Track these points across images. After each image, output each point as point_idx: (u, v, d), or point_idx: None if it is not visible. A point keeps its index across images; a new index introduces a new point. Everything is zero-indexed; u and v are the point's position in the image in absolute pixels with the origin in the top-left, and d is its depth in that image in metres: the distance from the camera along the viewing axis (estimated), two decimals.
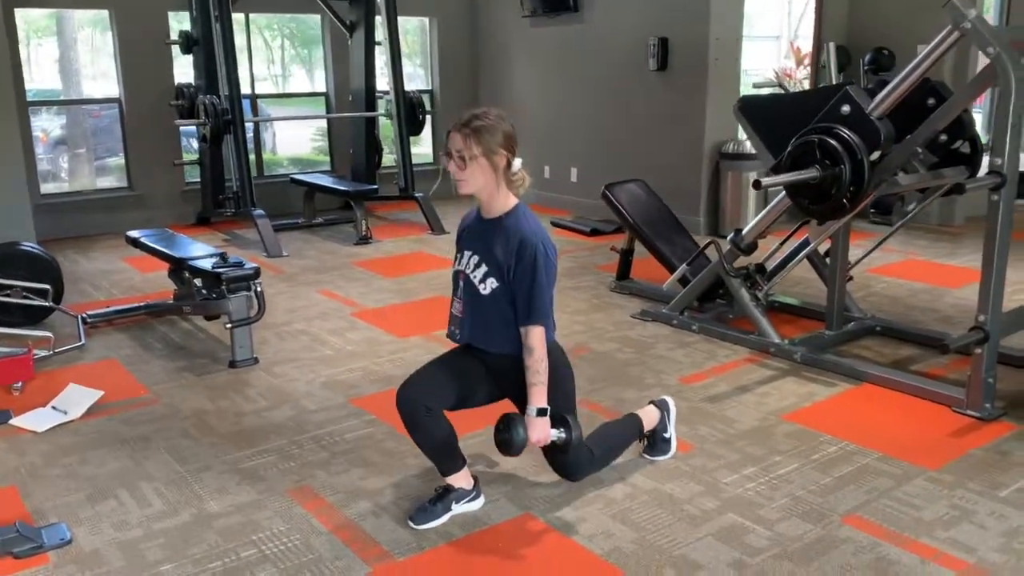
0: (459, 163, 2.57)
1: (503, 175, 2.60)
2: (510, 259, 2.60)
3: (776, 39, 15.89)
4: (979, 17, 3.38)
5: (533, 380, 2.63)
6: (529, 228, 2.62)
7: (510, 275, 2.61)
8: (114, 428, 3.57)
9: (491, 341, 2.72)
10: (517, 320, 2.64)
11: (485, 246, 2.66)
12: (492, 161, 2.56)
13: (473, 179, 2.58)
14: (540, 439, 2.65)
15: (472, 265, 2.69)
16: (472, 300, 2.71)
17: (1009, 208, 3.37)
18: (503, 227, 2.64)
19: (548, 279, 2.61)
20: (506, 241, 2.61)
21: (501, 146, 2.56)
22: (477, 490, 2.88)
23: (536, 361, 2.61)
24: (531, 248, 2.57)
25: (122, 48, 7.61)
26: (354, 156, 8.60)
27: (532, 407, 2.64)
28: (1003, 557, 2.55)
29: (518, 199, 2.68)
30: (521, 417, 2.65)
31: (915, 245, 6.68)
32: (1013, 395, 3.73)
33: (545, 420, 2.65)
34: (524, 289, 2.59)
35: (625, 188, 5.48)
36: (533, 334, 2.60)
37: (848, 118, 3.70)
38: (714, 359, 4.27)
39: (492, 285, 2.64)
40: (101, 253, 6.97)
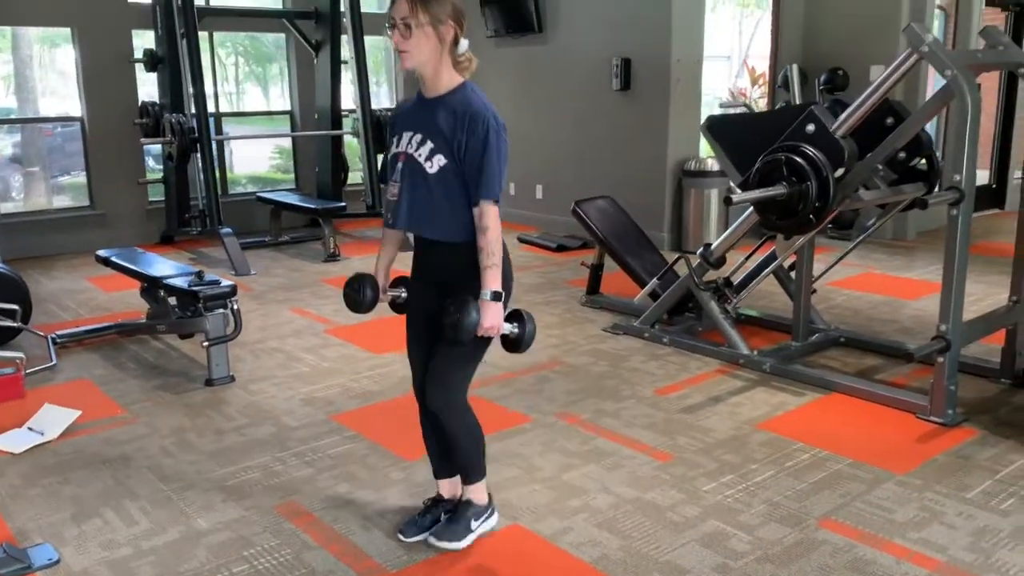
0: (403, 31, 2.39)
1: (449, 50, 2.45)
2: (460, 134, 2.44)
3: (727, 59, 16.26)
4: (936, 41, 3.54)
5: (487, 262, 2.45)
6: (479, 101, 2.47)
7: (461, 151, 2.45)
8: (93, 448, 3.54)
9: (433, 226, 2.53)
10: (468, 199, 2.48)
11: (430, 123, 2.49)
12: (439, 31, 2.40)
13: (417, 50, 2.40)
14: (493, 325, 2.46)
15: (415, 144, 2.51)
16: (414, 181, 2.52)
17: (967, 222, 3.53)
18: (449, 103, 2.47)
19: (500, 154, 2.46)
20: (454, 116, 2.45)
21: (449, 16, 2.41)
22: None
23: (491, 241, 2.44)
24: (483, 121, 2.43)
25: (85, 66, 7.54)
26: (319, 174, 8.62)
27: (487, 290, 2.44)
28: (972, 555, 2.67)
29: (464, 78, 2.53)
30: (474, 300, 2.44)
31: (872, 259, 6.89)
32: (974, 401, 3.89)
33: (499, 306, 2.47)
34: (476, 164, 2.44)
35: (594, 204, 5.58)
36: (487, 212, 2.44)
37: (813, 137, 3.84)
38: (687, 371, 4.38)
39: (440, 162, 2.47)
40: (64, 273, 6.88)
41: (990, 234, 7.78)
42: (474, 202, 2.47)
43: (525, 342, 2.58)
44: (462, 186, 2.48)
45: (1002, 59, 4.04)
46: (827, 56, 7.64)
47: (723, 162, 4.46)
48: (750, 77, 13.39)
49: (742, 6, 15.23)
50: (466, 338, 2.44)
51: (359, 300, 2.69)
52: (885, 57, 6.49)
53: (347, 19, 7.89)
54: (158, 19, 7.42)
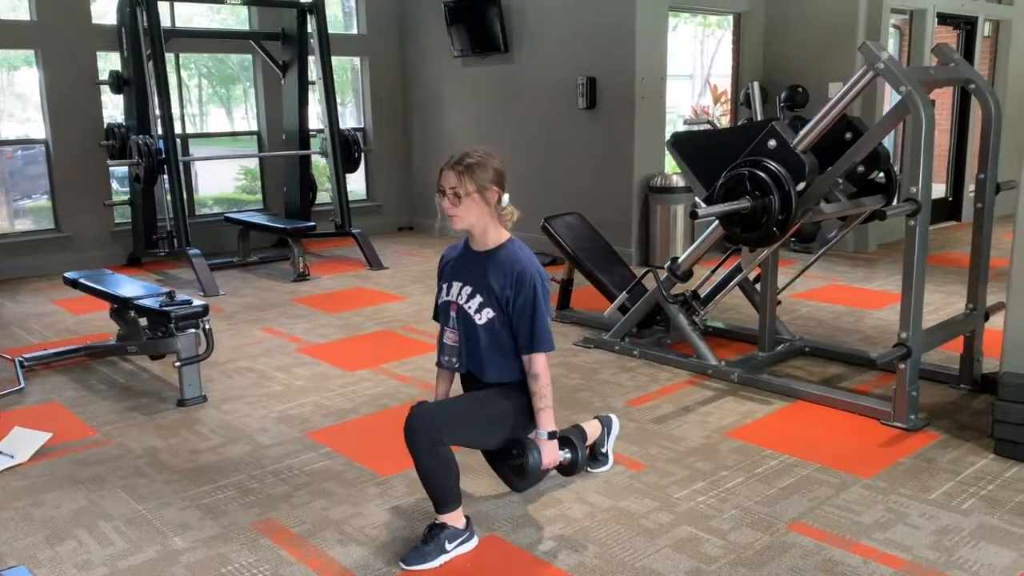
0: (453, 200, 2.67)
1: (495, 209, 2.72)
2: (508, 291, 2.71)
3: (690, 77, 16.51)
4: (891, 58, 3.67)
5: (540, 405, 2.74)
6: (527, 259, 2.75)
7: (509, 306, 2.72)
8: (66, 469, 3.52)
9: (485, 370, 2.81)
10: (517, 349, 2.74)
11: (479, 277, 2.76)
12: (485, 196, 2.68)
13: (467, 214, 2.69)
14: (552, 461, 2.77)
15: (465, 296, 2.78)
16: (467, 330, 2.80)
17: (924, 233, 3.65)
18: (498, 259, 2.75)
19: (546, 307, 2.74)
20: (502, 272, 2.72)
21: (492, 182, 2.69)
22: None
23: (542, 387, 2.73)
24: (530, 279, 2.70)
25: (50, 88, 7.50)
26: (288, 194, 8.62)
27: (543, 431, 2.75)
28: (935, 554, 2.75)
29: (509, 232, 2.81)
30: (532, 441, 2.75)
31: (835, 271, 7.05)
32: (934, 407, 4.00)
33: (555, 443, 2.78)
34: (526, 319, 2.70)
35: (563, 220, 5.66)
36: (537, 361, 2.72)
37: (775, 152, 3.95)
38: (657, 382, 4.45)
39: (488, 315, 2.74)
40: (29, 296, 6.81)
41: (948, 245, 7.99)
42: (524, 352, 2.73)
43: (580, 466, 2.95)
44: (510, 335, 2.76)
45: (954, 75, 4.20)
46: (787, 74, 7.84)
47: (688, 177, 4.56)
48: (712, 95, 13.61)
49: (704, 25, 15.49)
50: (534, 481, 2.83)
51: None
52: (843, 74, 6.66)
53: (314, 40, 7.94)
54: (124, 41, 7.41)
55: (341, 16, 9.59)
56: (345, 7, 9.59)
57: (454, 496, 2.78)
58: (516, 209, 2.79)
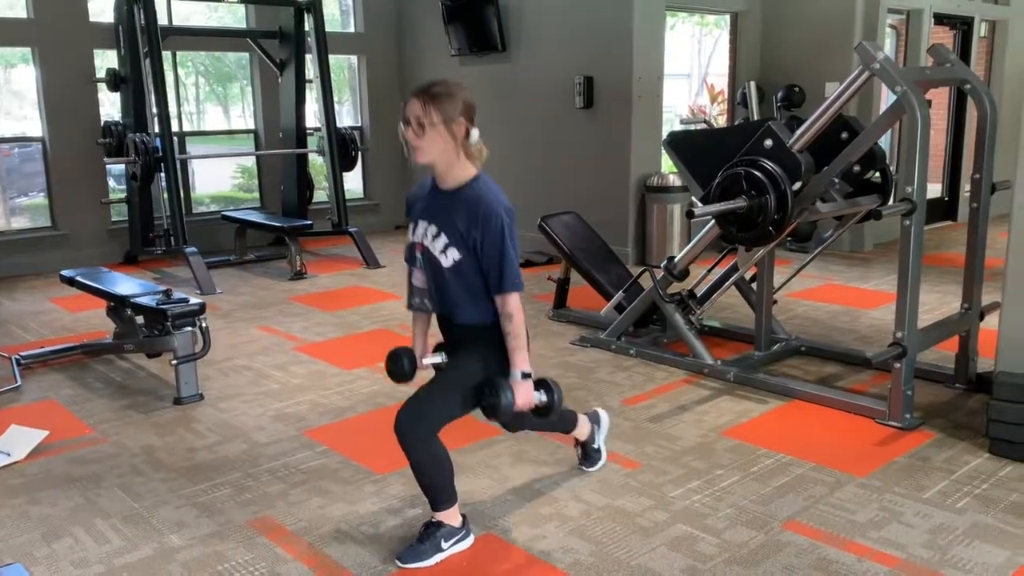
0: (417, 130, 2.51)
1: (462, 144, 2.56)
2: (475, 231, 2.56)
3: (687, 77, 16.53)
4: (887, 58, 3.68)
5: (514, 345, 2.64)
6: (493, 197, 2.59)
7: (477, 247, 2.58)
8: (62, 467, 3.52)
9: (456, 312, 2.71)
10: (488, 290, 2.62)
11: (445, 217, 2.61)
12: (451, 129, 2.52)
13: (431, 147, 2.53)
14: (526, 402, 2.67)
15: (430, 236, 2.64)
16: (434, 272, 2.68)
17: (920, 232, 3.66)
18: (464, 198, 2.60)
19: (515, 245, 2.60)
20: (468, 212, 2.57)
21: (460, 114, 2.53)
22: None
23: (516, 326, 2.63)
24: (496, 218, 2.55)
25: (46, 86, 7.49)
26: (285, 192, 8.62)
27: (516, 371, 2.65)
28: (929, 552, 2.77)
29: (477, 169, 2.65)
30: (507, 381, 2.63)
31: (831, 270, 7.06)
32: (929, 406, 4.01)
33: (529, 384, 2.67)
34: (495, 260, 2.57)
35: (560, 220, 5.67)
36: (509, 301, 2.61)
37: (771, 151, 3.96)
38: (653, 381, 4.46)
39: (455, 256, 2.61)
40: (25, 294, 6.80)
41: (944, 245, 8.01)
42: (495, 292, 2.62)
43: (556, 409, 2.79)
44: (478, 276, 2.63)
45: (949, 76, 4.21)
46: (784, 73, 7.84)
47: (685, 177, 4.57)
48: (709, 94, 13.61)
49: (701, 25, 15.51)
50: (506, 419, 2.71)
51: (399, 372, 2.88)
52: (839, 74, 6.67)
53: (311, 38, 7.94)
54: (121, 39, 7.40)
55: (338, 14, 9.59)
56: (342, 5, 9.59)
57: (449, 493, 2.78)
58: (485, 146, 2.65)
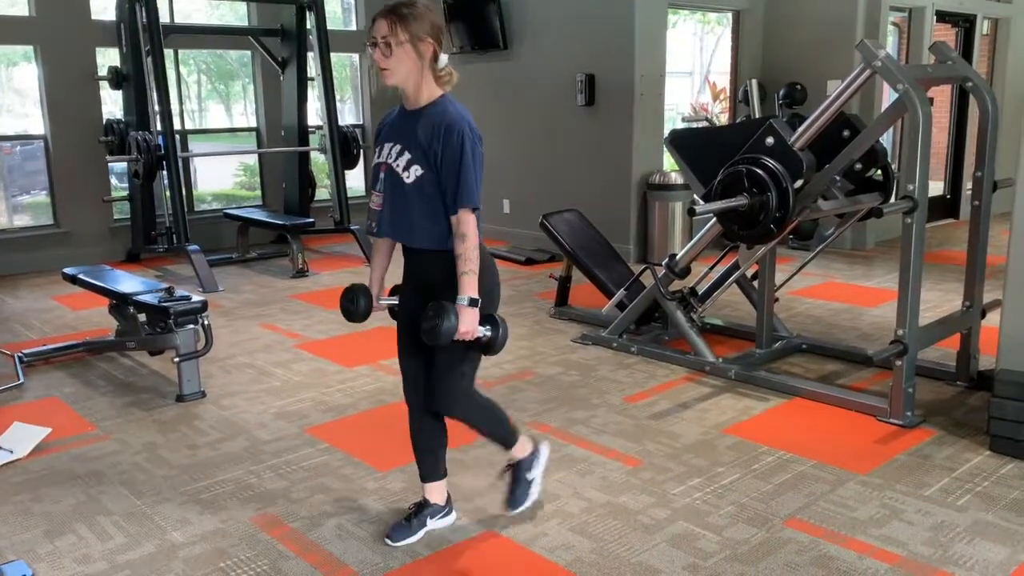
0: (384, 50, 2.47)
1: (429, 66, 2.52)
2: (436, 144, 2.50)
3: (689, 75, 16.52)
4: (888, 56, 3.68)
5: (464, 268, 2.52)
6: (455, 112, 2.54)
7: (437, 161, 2.51)
8: (65, 464, 3.53)
9: (412, 234, 2.61)
10: (446, 208, 2.54)
11: (409, 134, 2.56)
12: (418, 48, 2.48)
13: (398, 67, 2.49)
14: (469, 330, 2.53)
15: (394, 154, 2.59)
16: (394, 191, 2.60)
17: (921, 230, 3.66)
18: (428, 114, 2.54)
19: (476, 163, 2.52)
20: (431, 127, 2.52)
21: (428, 34, 2.49)
22: (450, 506, 2.96)
23: (468, 248, 2.52)
24: (457, 131, 2.49)
25: (48, 84, 7.50)
26: (287, 190, 8.62)
27: (463, 296, 2.51)
28: (931, 550, 2.77)
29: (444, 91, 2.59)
30: (452, 305, 2.51)
31: (833, 268, 7.06)
32: (930, 404, 4.01)
33: (475, 311, 2.53)
34: (453, 173, 2.50)
35: (562, 217, 5.67)
36: (464, 219, 2.52)
37: (773, 149, 3.96)
38: (654, 379, 4.46)
39: (416, 172, 2.54)
40: (28, 292, 6.81)
41: (946, 243, 8.01)
42: (451, 211, 2.53)
43: (498, 345, 2.65)
44: (439, 195, 2.54)
45: (951, 73, 4.20)
46: (786, 71, 7.84)
47: (686, 175, 4.57)
48: (711, 92, 13.61)
49: (703, 23, 15.49)
50: (443, 342, 2.51)
51: (353, 310, 2.82)
52: (841, 72, 6.66)
53: (313, 36, 7.94)
54: (123, 37, 7.40)
55: (340, 12, 9.59)
56: (344, 3, 9.59)
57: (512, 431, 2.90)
58: (455, 71, 2.58)
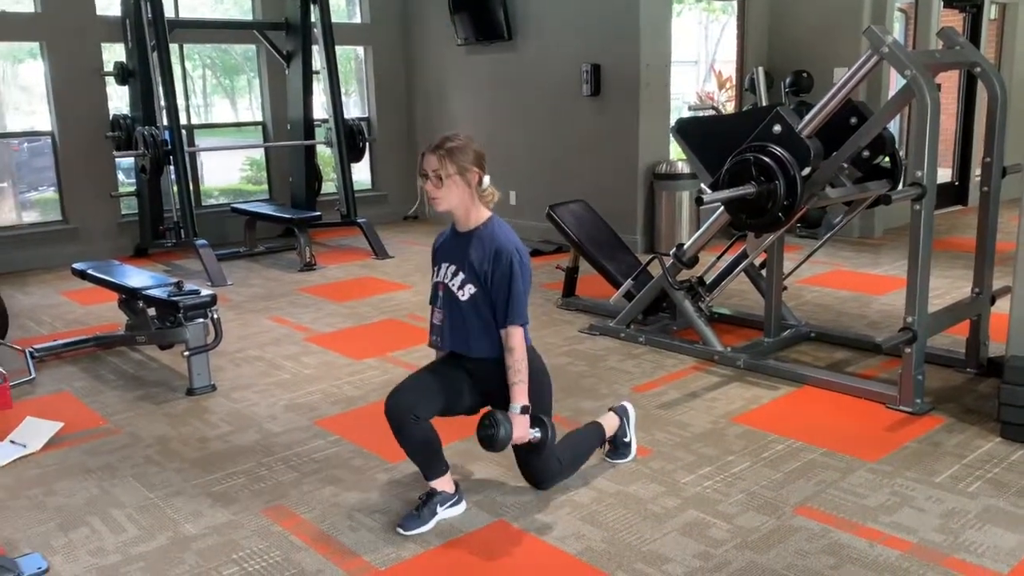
0: (435, 182, 2.77)
1: (475, 191, 2.81)
2: (486, 265, 2.80)
3: (695, 64, 16.47)
4: (896, 42, 3.66)
5: (514, 379, 2.81)
6: (504, 236, 2.83)
7: (488, 282, 2.81)
8: (77, 458, 3.55)
9: (471, 346, 2.90)
10: (496, 323, 2.82)
11: (462, 256, 2.86)
12: (466, 178, 2.77)
13: (448, 196, 2.79)
14: (521, 436, 2.82)
15: (450, 275, 2.88)
16: (451, 308, 2.89)
17: (930, 216, 3.65)
18: (479, 237, 2.84)
19: (524, 283, 2.82)
20: (482, 249, 2.82)
21: (473, 164, 2.78)
22: (460, 495, 3.00)
23: (517, 360, 2.80)
24: (507, 254, 2.78)
25: (55, 80, 7.51)
26: (293, 184, 8.64)
27: (515, 404, 2.81)
28: (941, 536, 2.77)
29: (491, 212, 2.89)
30: (505, 414, 2.80)
31: (840, 256, 7.04)
32: (940, 391, 4.01)
33: (526, 418, 2.83)
34: (503, 293, 2.79)
35: (568, 208, 5.66)
36: (513, 335, 2.80)
37: (780, 137, 3.95)
38: (663, 368, 4.46)
39: (470, 291, 2.84)
40: (37, 288, 6.84)
41: (954, 230, 7.98)
42: (501, 325, 2.82)
43: (547, 447, 2.95)
44: (491, 311, 2.84)
45: (959, 59, 4.18)
46: (792, 59, 7.80)
47: (693, 163, 4.56)
48: (717, 81, 13.57)
49: (708, 11, 15.43)
50: (499, 450, 2.85)
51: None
52: (848, 59, 6.63)
53: (318, 29, 7.94)
54: (128, 32, 7.42)
55: (344, 5, 9.58)
56: None
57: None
58: (497, 190, 2.87)
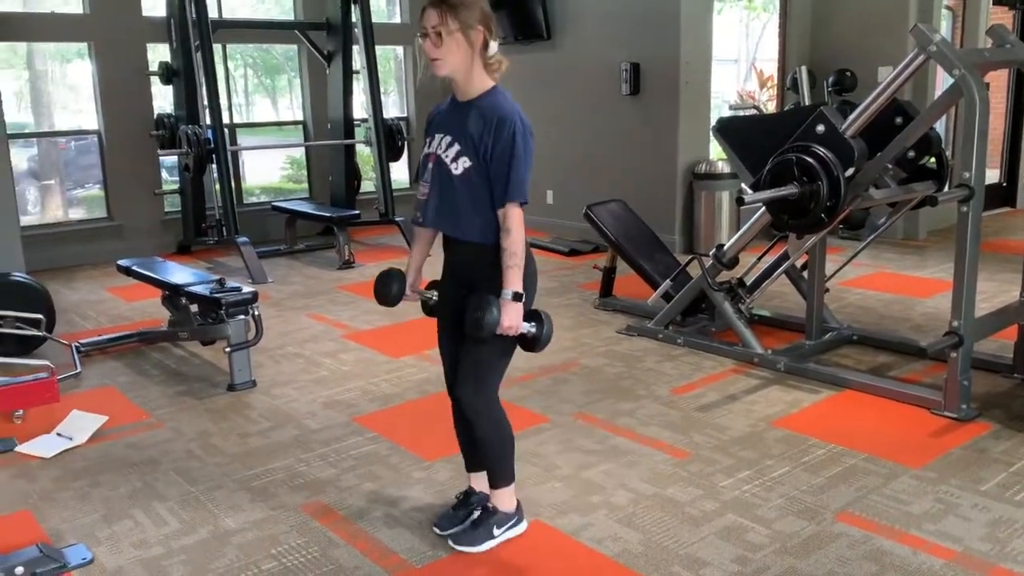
0: (435, 39, 2.45)
1: (480, 55, 2.49)
2: (487, 137, 2.49)
3: (735, 62, 16.30)
4: (943, 40, 3.59)
5: (510, 263, 2.51)
6: (509, 106, 2.52)
7: (487, 153, 2.50)
8: (121, 452, 3.62)
9: (458, 226, 2.60)
10: (494, 202, 2.53)
11: (459, 126, 2.55)
12: (469, 37, 2.45)
13: (449, 57, 2.46)
14: (512, 325, 2.52)
15: (444, 145, 2.58)
16: (442, 182, 2.59)
17: (977, 218, 3.57)
18: (479, 107, 2.53)
19: (527, 157, 2.51)
20: (482, 119, 2.50)
21: (479, 22, 2.46)
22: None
23: (514, 242, 2.50)
24: (510, 124, 2.47)
25: (102, 80, 7.65)
26: (333, 183, 8.71)
27: (507, 290, 2.51)
28: (988, 545, 2.71)
29: (495, 82, 2.57)
30: (496, 299, 2.50)
31: (884, 258, 6.92)
32: (986, 396, 3.92)
33: (519, 306, 2.53)
34: (503, 167, 2.49)
35: (606, 208, 5.64)
36: (511, 214, 2.50)
37: (823, 137, 3.89)
38: (701, 370, 4.42)
39: (465, 164, 2.53)
40: (83, 283, 6.98)
41: (1002, 232, 7.81)
42: (499, 204, 2.52)
43: (542, 341, 2.62)
44: (486, 188, 2.53)
45: (1009, 57, 4.08)
46: (835, 58, 7.68)
47: (734, 163, 4.52)
48: (758, 80, 13.41)
49: (749, 9, 15.27)
50: (486, 336, 2.50)
51: (385, 293, 2.84)
52: (893, 58, 6.53)
53: (358, 29, 7.99)
54: (173, 33, 7.53)
55: (384, 5, 9.64)
56: None
57: (509, 470, 2.79)
58: (505, 59, 2.55)
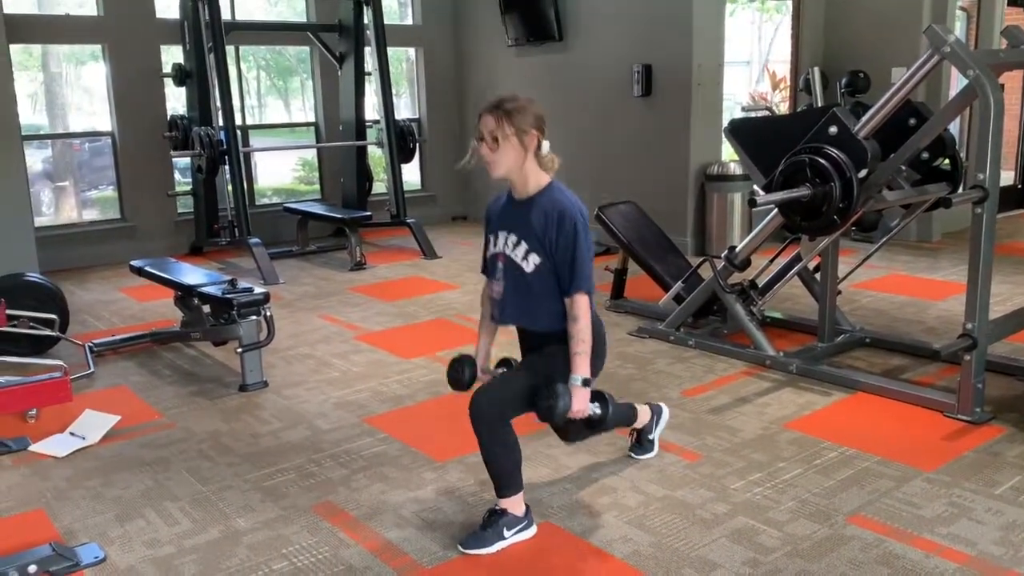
0: (491, 144, 2.60)
1: (534, 155, 2.64)
2: (551, 231, 2.64)
3: (747, 64, 16.26)
4: (958, 41, 3.57)
5: (577, 349, 2.65)
6: (567, 200, 2.67)
7: (552, 247, 2.65)
8: (133, 451, 3.64)
9: (536, 320, 2.77)
10: (561, 292, 2.68)
11: (523, 224, 2.70)
12: (523, 141, 2.60)
13: (504, 159, 2.61)
14: (580, 410, 2.67)
15: (511, 245, 2.73)
16: (515, 280, 2.74)
17: (992, 220, 3.55)
18: (539, 203, 2.68)
19: (588, 248, 2.66)
20: (543, 215, 2.65)
21: (532, 126, 2.61)
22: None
23: (581, 329, 2.65)
24: (571, 219, 2.63)
25: (115, 82, 7.71)
26: (345, 184, 8.73)
27: (576, 376, 2.66)
28: (1002, 549, 2.69)
29: (551, 178, 2.72)
30: (566, 387, 2.65)
31: (897, 261, 6.89)
32: (1000, 399, 3.89)
33: (587, 391, 2.69)
34: (567, 259, 2.64)
35: (618, 209, 5.63)
36: (578, 303, 2.65)
37: (836, 138, 3.87)
38: (713, 372, 4.41)
39: (535, 261, 2.68)
40: (97, 284, 7.02)
41: (1016, 234, 7.76)
42: (566, 293, 2.67)
43: (607, 425, 2.85)
44: (555, 279, 2.69)
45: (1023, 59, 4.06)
46: (848, 59, 7.65)
47: (746, 165, 4.50)
48: (771, 81, 13.38)
49: (761, 11, 15.23)
50: (559, 422, 2.71)
51: (459, 380, 2.94)
52: (906, 59, 6.49)
53: (370, 31, 8.02)
54: (186, 34, 7.57)
55: (396, 7, 9.66)
56: None
57: (515, 481, 2.81)
58: (557, 156, 2.71)
